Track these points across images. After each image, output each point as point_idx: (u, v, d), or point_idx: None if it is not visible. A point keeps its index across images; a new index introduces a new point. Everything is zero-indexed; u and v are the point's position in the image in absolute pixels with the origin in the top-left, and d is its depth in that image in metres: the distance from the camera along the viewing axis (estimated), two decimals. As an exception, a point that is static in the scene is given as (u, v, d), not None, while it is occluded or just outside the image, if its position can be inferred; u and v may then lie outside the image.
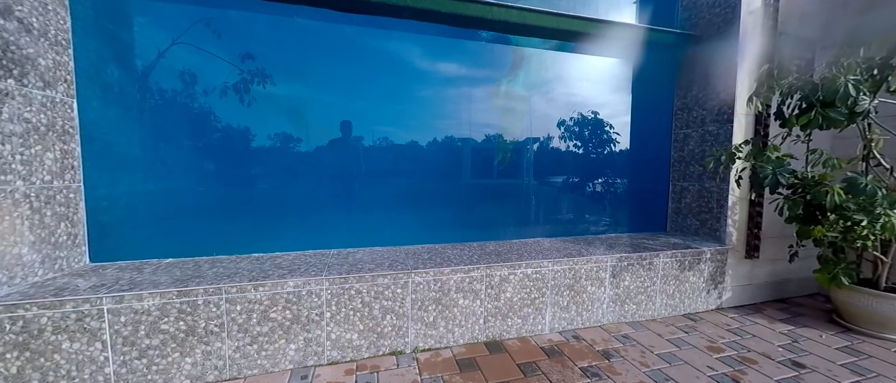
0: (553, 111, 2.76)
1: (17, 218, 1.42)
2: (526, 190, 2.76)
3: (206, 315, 1.50)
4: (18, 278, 1.43)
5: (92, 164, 1.80)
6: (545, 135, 2.80)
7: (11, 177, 1.39)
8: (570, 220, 2.86)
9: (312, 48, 2.37)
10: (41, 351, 1.34)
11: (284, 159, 2.38)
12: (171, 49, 2.26)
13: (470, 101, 2.57)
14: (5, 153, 1.37)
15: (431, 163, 2.55)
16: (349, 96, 2.44)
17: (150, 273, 1.66)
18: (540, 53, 2.67)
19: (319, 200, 2.42)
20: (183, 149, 2.18)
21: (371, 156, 2.48)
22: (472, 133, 2.62)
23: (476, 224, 2.63)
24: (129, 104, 2.02)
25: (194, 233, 2.08)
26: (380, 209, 2.46)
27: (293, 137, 2.54)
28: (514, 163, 2.72)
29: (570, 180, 2.87)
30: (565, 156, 2.82)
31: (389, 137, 2.51)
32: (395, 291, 1.75)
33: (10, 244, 1.40)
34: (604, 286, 2.10)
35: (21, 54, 1.44)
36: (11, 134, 1.39)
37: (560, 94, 2.75)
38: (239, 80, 2.45)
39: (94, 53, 1.82)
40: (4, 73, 1.37)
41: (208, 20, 2.29)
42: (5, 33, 1.37)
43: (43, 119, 1.54)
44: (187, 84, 2.34)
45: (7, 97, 1.38)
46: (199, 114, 2.28)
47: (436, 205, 2.63)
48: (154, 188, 2.13)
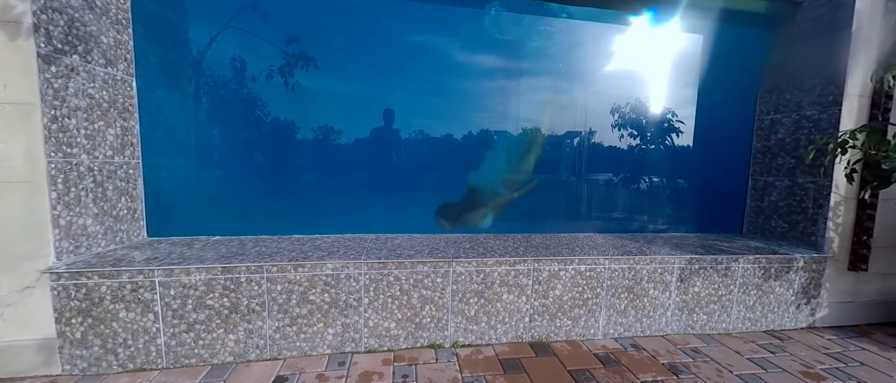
0: (605, 98, 2.47)
1: (82, 190, 1.49)
2: (574, 182, 2.52)
3: (249, 293, 1.50)
4: (83, 248, 1.51)
5: (149, 143, 1.87)
6: (596, 125, 2.53)
7: (77, 150, 1.46)
8: (625, 216, 2.58)
9: (355, 35, 2.29)
10: (101, 318, 1.40)
11: (326, 146, 2.36)
12: (222, 33, 2.28)
13: (510, 94, 2.37)
14: (71, 127, 1.43)
15: (472, 154, 2.41)
16: (389, 88, 2.35)
17: (198, 249, 1.69)
18: (587, 36, 2.39)
19: (359, 186, 2.38)
20: (231, 133, 2.21)
21: (410, 146, 2.38)
22: (513, 125, 2.43)
23: (519, 216, 2.45)
24: (183, 86, 2.07)
25: (241, 213, 2.12)
26: (418, 197, 2.37)
27: (334, 125, 2.50)
28: (561, 154, 2.49)
29: (624, 173, 2.58)
30: (619, 147, 2.53)
31: (428, 129, 2.40)
32: (435, 280, 1.64)
33: (76, 214, 1.47)
34: (669, 290, 1.84)
35: (85, 31, 1.49)
36: (76, 108, 1.45)
37: (613, 80, 2.46)
38: (284, 63, 2.44)
39: (151, 34, 1.87)
40: (70, 48, 1.42)
41: (256, 4, 2.29)
42: (70, 9, 1.42)
43: (105, 95, 1.59)
44: (237, 69, 2.36)
45: (73, 73, 1.43)
46: (248, 99, 2.30)
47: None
48: (205, 168, 2.19)
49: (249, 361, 1.53)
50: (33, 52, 1.28)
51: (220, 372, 1.45)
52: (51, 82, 1.34)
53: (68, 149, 1.42)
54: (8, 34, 1.26)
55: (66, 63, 1.40)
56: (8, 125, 1.29)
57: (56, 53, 1.36)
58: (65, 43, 1.40)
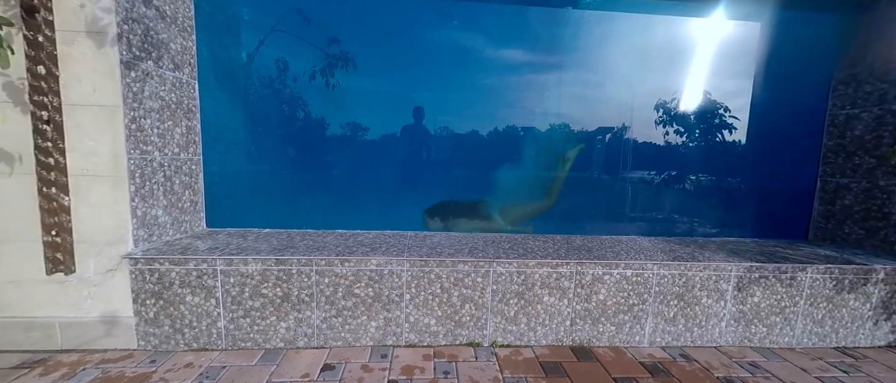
0: (646, 92, 2.34)
1: (155, 184, 1.63)
2: (616, 182, 2.42)
3: (299, 284, 1.58)
4: (155, 236, 1.66)
5: (208, 141, 2.01)
6: (638, 121, 2.40)
7: (150, 147, 1.60)
8: (671, 219, 2.44)
9: (391, 40, 2.33)
10: (171, 300, 1.54)
11: (366, 144, 2.42)
12: (269, 37, 2.40)
13: (544, 88, 2.31)
14: (146, 126, 1.57)
15: (509, 152, 2.38)
16: (425, 87, 2.36)
17: (252, 240, 1.81)
18: (625, 26, 2.27)
19: (398, 183, 2.42)
20: (277, 131, 2.33)
21: (444, 144, 2.40)
22: (551, 122, 2.37)
23: (558, 216, 2.39)
24: (235, 88, 2.21)
25: (288, 207, 2.24)
26: (453, 195, 2.38)
27: (368, 124, 2.55)
28: (600, 152, 2.39)
29: (670, 172, 2.44)
30: (663, 144, 2.39)
31: (459, 127, 2.40)
32: (476, 280, 1.64)
33: (150, 206, 1.61)
34: (724, 299, 1.72)
35: (157, 39, 1.62)
36: (151, 110, 1.59)
37: (656, 72, 2.32)
38: (325, 64, 2.52)
39: (210, 40, 2.01)
40: (146, 55, 1.56)
41: (300, 7, 2.38)
42: (146, 19, 1.55)
43: (173, 97, 1.73)
44: (282, 70, 2.47)
45: (148, 77, 1.57)
46: (291, 98, 2.41)
47: (513, 195, 2.45)
48: (255, 164, 2.33)
49: (299, 348, 1.61)
50: (117, 59, 1.42)
51: (273, 357, 1.55)
52: (130, 86, 1.48)
53: (144, 146, 1.56)
54: (96, 43, 1.40)
55: (142, 68, 1.54)
56: (97, 125, 1.44)
57: (135, 60, 1.50)
58: (142, 50, 1.53)
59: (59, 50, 1.38)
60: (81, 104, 1.42)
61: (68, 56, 1.40)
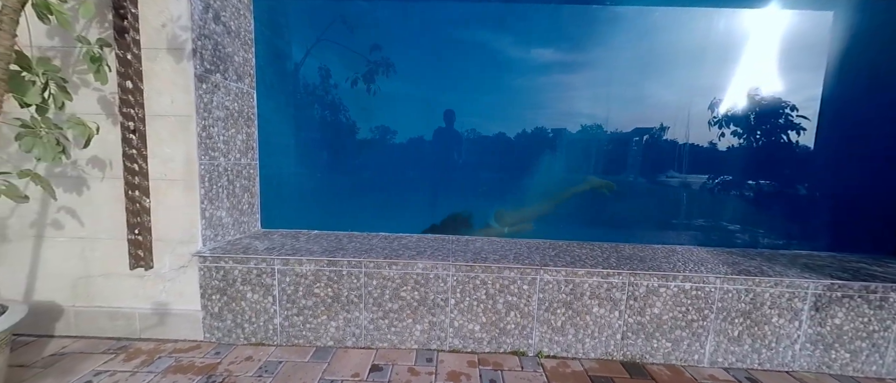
0: (701, 91, 2.18)
1: (220, 187, 1.76)
2: (668, 187, 2.28)
3: (349, 285, 1.63)
4: (220, 236, 1.79)
5: (263, 146, 2.14)
6: (693, 121, 2.25)
7: (217, 154, 1.73)
8: (731, 228, 2.26)
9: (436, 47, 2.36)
10: (234, 296, 1.65)
11: (403, 149, 2.46)
12: (315, 46, 2.51)
13: (580, 88, 2.22)
14: (214, 134, 1.70)
15: (549, 155, 2.32)
16: (455, 91, 2.37)
17: (304, 241, 1.90)
18: (680, 18, 2.12)
19: (439, 187, 2.45)
20: (322, 136, 2.44)
21: (482, 147, 2.38)
22: (593, 122, 2.28)
23: (604, 222, 2.29)
24: (287, 95, 2.33)
25: (335, 210, 2.33)
26: (493, 200, 2.36)
27: (408, 128, 2.59)
28: (650, 155, 2.26)
29: (728, 177, 2.26)
30: (719, 146, 2.22)
31: (500, 130, 2.37)
32: (522, 287, 1.61)
33: (216, 208, 1.74)
34: (799, 320, 1.57)
35: (224, 52, 1.75)
36: (218, 118, 1.72)
37: (706, 67, 2.16)
38: (367, 70, 2.60)
39: (266, 51, 2.14)
40: (215, 68, 1.69)
41: (344, 16, 2.47)
42: (215, 35, 1.68)
43: (236, 107, 1.86)
44: (326, 77, 2.58)
45: (216, 88, 1.70)
46: (334, 104, 2.50)
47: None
48: (304, 169, 2.45)
49: (347, 347, 1.67)
50: (192, 73, 1.55)
51: (324, 354, 1.61)
52: (202, 97, 1.61)
53: (212, 153, 1.69)
54: (175, 58, 1.54)
55: (212, 80, 1.67)
56: (173, 133, 1.58)
57: (206, 73, 1.63)
58: (212, 63, 1.66)
59: (143, 66, 1.53)
60: (161, 114, 1.57)
61: (151, 71, 1.55)
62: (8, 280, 1.68)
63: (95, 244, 1.64)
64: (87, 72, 1.51)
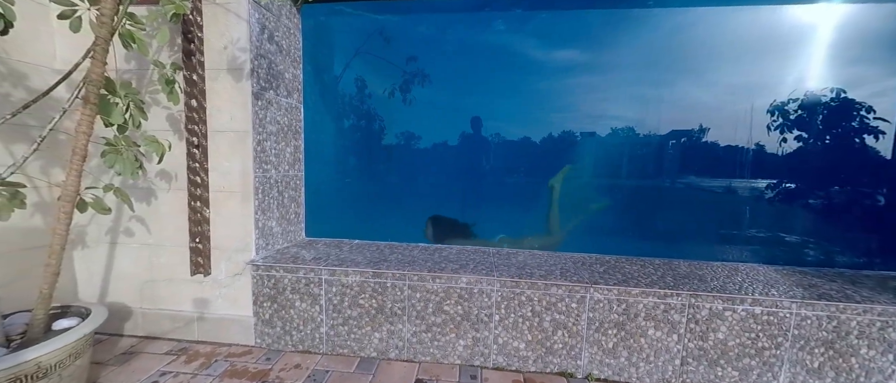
0: (764, 91, 2.00)
1: (271, 198, 1.84)
2: (715, 195, 2.11)
3: (393, 297, 1.64)
4: (270, 245, 1.86)
5: (307, 157, 2.22)
6: (755, 124, 2.07)
7: (269, 166, 1.81)
8: (798, 243, 2.06)
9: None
10: (283, 304, 1.71)
11: (444, 160, 2.47)
12: (355, 59, 2.58)
13: (624, 87, 2.11)
14: (267, 148, 1.78)
15: (591, 160, 2.23)
16: (494, 100, 2.34)
17: (347, 251, 1.94)
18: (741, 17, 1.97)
19: (480, 197, 2.43)
20: (359, 146, 2.49)
21: (514, 153, 2.34)
22: (633, 125, 2.16)
23: (652, 235, 2.17)
24: (328, 108, 2.41)
25: (372, 217, 2.37)
26: (531, 208, 2.30)
27: (449, 139, 2.59)
28: (703, 160, 2.11)
29: (793, 185, 2.06)
30: (782, 151, 2.03)
31: (535, 135, 2.31)
32: (570, 305, 1.55)
33: (267, 218, 1.82)
34: (893, 352, 1.39)
35: (276, 70, 1.84)
36: (270, 133, 1.81)
37: (769, 64, 1.98)
38: (403, 81, 2.63)
39: (312, 67, 2.23)
40: (268, 85, 1.77)
41: (381, 29, 2.52)
42: (269, 54, 1.77)
43: (286, 121, 1.95)
44: (364, 89, 2.63)
45: (270, 105, 1.78)
46: (371, 115, 2.55)
47: (608, 211, 2.29)
48: (345, 179, 2.51)
49: (390, 359, 1.67)
50: (249, 91, 1.64)
51: (368, 365, 1.62)
52: (258, 113, 1.70)
53: (265, 165, 1.77)
54: (234, 78, 1.64)
55: (266, 97, 1.75)
56: (232, 148, 1.67)
57: (262, 90, 1.71)
58: (266, 81, 1.75)
59: (206, 85, 1.64)
60: (221, 130, 1.66)
61: (212, 90, 1.65)
62: (86, 281, 1.83)
63: (160, 251, 1.76)
64: (158, 92, 1.64)
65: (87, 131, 1.15)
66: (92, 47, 1.13)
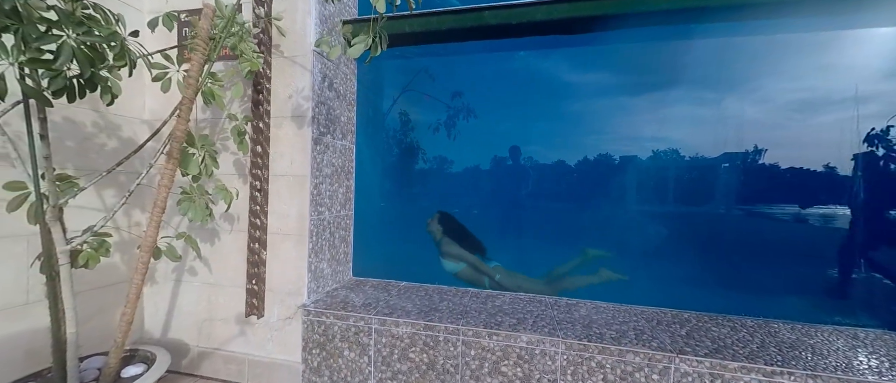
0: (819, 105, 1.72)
1: (324, 240, 1.85)
2: (816, 234, 1.78)
3: (445, 353, 1.53)
4: (321, 288, 1.85)
5: (356, 196, 2.24)
6: (804, 139, 1.78)
7: (323, 208, 1.83)
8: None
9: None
10: (332, 352, 1.65)
11: (482, 190, 2.39)
12: (401, 96, 2.62)
13: (701, 106, 1.91)
14: (323, 190, 1.81)
15: (652, 188, 2.02)
16: (535, 136, 2.24)
17: (396, 295, 1.87)
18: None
19: (521, 233, 2.30)
20: (403, 180, 2.48)
21: (564, 188, 2.19)
22: (706, 151, 1.94)
23: (729, 283, 1.89)
24: (375, 145, 2.45)
25: (418, 259, 2.32)
26: (558, 242, 2.11)
27: (490, 167, 2.51)
28: (793, 188, 1.83)
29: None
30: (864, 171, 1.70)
31: (582, 168, 2.16)
32: (651, 377, 1.34)
33: (319, 260, 1.82)
34: None
35: (333, 115, 1.91)
36: (326, 176, 1.84)
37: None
38: (447, 116, 2.61)
39: (363, 108, 2.29)
40: (326, 130, 1.83)
41: (426, 67, 2.56)
42: (329, 100, 1.84)
43: (339, 162, 1.99)
44: (406, 123, 2.65)
45: (327, 149, 1.83)
46: (413, 150, 2.55)
47: (659, 249, 2.04)
48: (388, 214, 2.50)
49: (441, 422, 1.54)
50: (310, 137, 1.69)
51: (418, 429, 1.50)
52: (316, 158, 1.74)
53: (320, 208, 1.80)
54: (297, 125, 1.70)
55: (324, 142, 1.80)
56: (291, 192, 1.71)
57: (321, 135, 1.77)
58: (325, 126, 1.81)
59: (271, 132, 1.72)
60: (281, 175, 1.72)
61: (276, 136, 1.72)
62: (152, 315, 1.92)
63: (219, 291, 1.81)
64: (228, 139, 1.74)
65: (169, 184, 1.21)
66: (178, 106, 1.21)
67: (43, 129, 0.88)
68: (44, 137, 0.90)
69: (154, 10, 1.88)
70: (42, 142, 0.89)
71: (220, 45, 1.27)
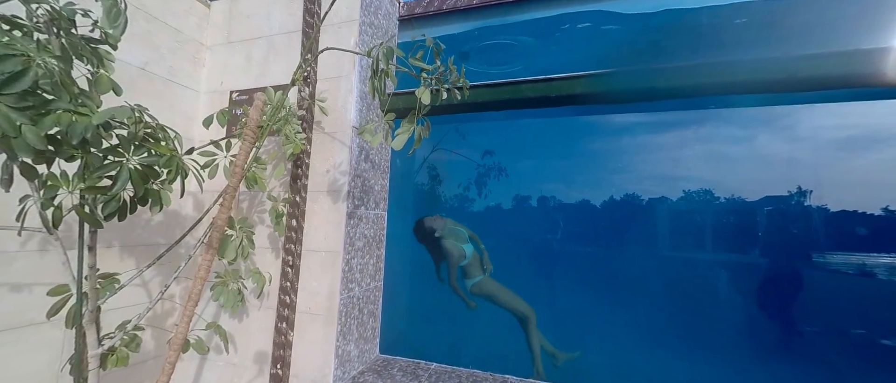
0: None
1: (353, 319, 1.75)
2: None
3: (486, 469, 1.32)
4: (346, 373, 1.72)
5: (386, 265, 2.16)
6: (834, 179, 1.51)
7: (353, 284, 1.75)
8: None
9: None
10: (357, 455, 1.48)
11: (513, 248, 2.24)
12: (430, 156, 2.61)
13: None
14: (353, 265, 1.75)
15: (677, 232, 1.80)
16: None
17: (425, 381, 1.70)
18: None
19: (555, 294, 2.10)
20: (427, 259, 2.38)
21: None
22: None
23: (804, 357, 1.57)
24: (405, 211, 2.41)
25: (450, 338, 2.15)
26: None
27: (522, 226, 2.39)
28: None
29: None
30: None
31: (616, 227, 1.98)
32: None
33: (346, 342, 1.71)
34: None
35: (368, 185, 1.90)
36: (358, 249, 1.79)
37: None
38: (477, 175, 2.55)
39: (395, 171, 2.29)
40: (361, 202, 1.81)
41: (456, 126, 2.56)
42: (364, 172, 1.84)
43: (371, 232, 1.94)
44: (436, 184, 2.60)
45: (361, 221, 1.80)
46: (441, 209, 2.47)
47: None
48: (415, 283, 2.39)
49: None
50: (344, 211, 1.67)
51: None
52: (349, 232, 1.70)
53: (350, 284, 1.72)
54: (332, 199, 1.69)
55: (358, 214, 1.78)
56: (322, 268, 1.65)
57: (355, 209, 1.74)
58: (360, 199, 1.79)
59: (307, 206, 1.71)
60: (314, 250, 1.68)
61: (311, 210, 1.71)
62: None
63: (242, 372, 1.71)
64: (263, 211, 1.75)
65: (205, 276, 1.18)
66: (222, 194, 1.21)
67: (92, 242, 0.89)
68: (92, 249, 0.90)
69: (210, 89, 2.02)
70: (89, 252, 0.89)
71: (266, 131, 1.30)
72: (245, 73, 1.94)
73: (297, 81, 1.26)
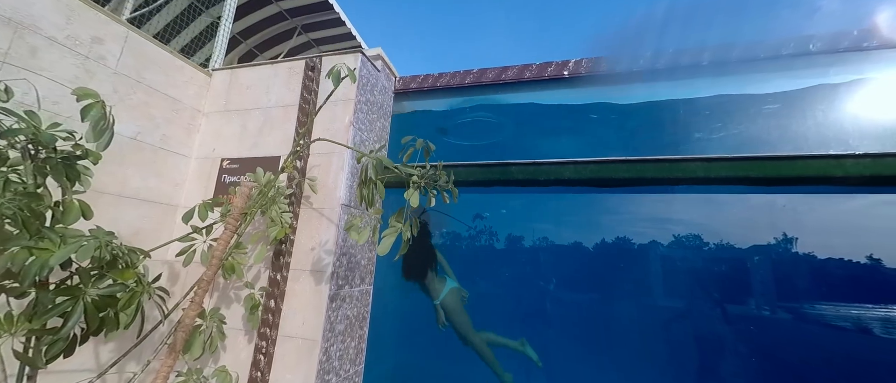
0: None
1: (327, 415, 1.58)
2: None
3: None
4: None
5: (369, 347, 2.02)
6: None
7: (331, 375, 1.61)
8: None
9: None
10: None
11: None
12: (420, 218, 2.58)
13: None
14: (332, 353, 1.62)
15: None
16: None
17: None
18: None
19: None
20: (412, 335, 2.26)
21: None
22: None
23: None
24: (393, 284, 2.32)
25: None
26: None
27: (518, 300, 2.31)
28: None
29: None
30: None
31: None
32: None
33: (318, 443, 1.53)
34: None
35: (354, 261, 1.83)
36: (338, 334, 1.67)
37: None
38: (469, 236, 2.51)
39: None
40: (345, 281, 1.73)
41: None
42: (351, 249, 1.78)
43: (354, 312, 1.83)
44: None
45: (343, 302, 1.70)
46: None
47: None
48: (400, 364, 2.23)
49: None
50: (327, 294, 1.58)
51: None
52: (330, 317, 1.60)
53: (327, 375, 1.58)
54: (315, 280, 1.61)
55: (341, 295, 1.69)
56: (298, 358, 1.53)
57: (338, 290, 1.66)
58: (344, 279, 1.71)
59: (287, 286, 1.62)
60: (291, 336, 1.56)
61: (292, 291, 1.62)
62: None
63: None
64: (240, 289, 1.65)
65: (166, 378, 1.06)
66: (193, 288, 1.14)
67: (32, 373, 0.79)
68: (32, 379, 0.80)
69: (201, 155, 2.01)
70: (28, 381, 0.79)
71: (252, 218, 1.26)
72: (239, 141, 1.95)
73: (287, 169, 1.25)
